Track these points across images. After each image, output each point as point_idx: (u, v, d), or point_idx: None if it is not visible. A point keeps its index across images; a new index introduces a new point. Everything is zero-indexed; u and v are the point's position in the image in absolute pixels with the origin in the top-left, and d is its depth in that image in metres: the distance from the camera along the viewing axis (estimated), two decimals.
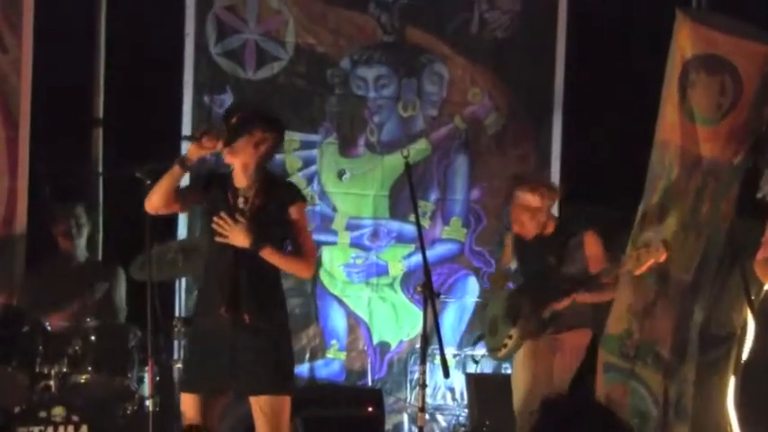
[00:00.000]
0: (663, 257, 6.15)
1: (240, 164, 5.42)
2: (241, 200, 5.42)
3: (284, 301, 5.57)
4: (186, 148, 5.42)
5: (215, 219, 5.32)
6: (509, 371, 7.87)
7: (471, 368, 8.07)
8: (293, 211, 5.43)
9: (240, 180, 5.44)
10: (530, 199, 6.44)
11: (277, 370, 5.36)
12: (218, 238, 5.35)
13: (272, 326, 5.39)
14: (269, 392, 5.34)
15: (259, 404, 5.36)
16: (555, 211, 8.18)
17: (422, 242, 5.66)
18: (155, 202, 5.39)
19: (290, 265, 5.48)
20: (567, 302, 6.27)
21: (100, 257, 7.68)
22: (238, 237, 5.31)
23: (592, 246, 6.46)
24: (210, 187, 5.51)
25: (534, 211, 6.44)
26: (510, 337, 6.41)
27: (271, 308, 5.42)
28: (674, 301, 6.66)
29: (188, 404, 5.43)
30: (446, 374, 5.37)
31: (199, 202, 5.58)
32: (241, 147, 5.38)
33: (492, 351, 6.64)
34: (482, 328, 6.92)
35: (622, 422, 3.31)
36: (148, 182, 5.70)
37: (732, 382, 6.57)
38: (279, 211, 5.42)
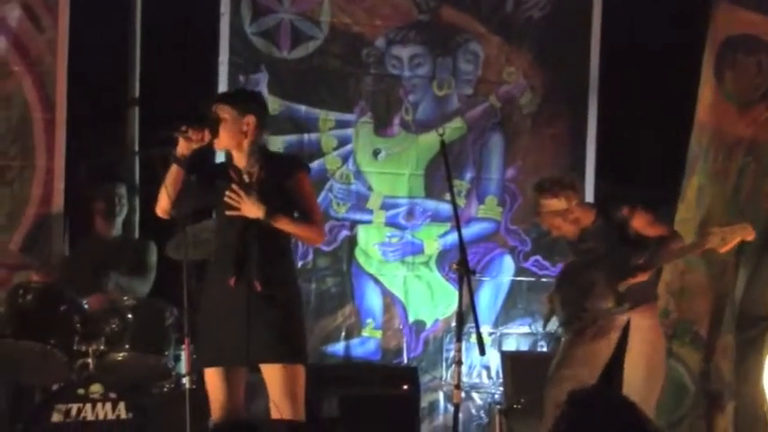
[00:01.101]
0: (750, 237, 6.02)
1: (234, 147, 5.50)
2: (245, 176, 5.51)
3: (295, 273, 5.68)
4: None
5: (227, 193, 5.39)
6: (545, 349, 7.90)
7: (507, 346, 8.09)
8: (298, 181, 5.52)
9: (240, 161, 5.53)
10: (555, 203, 6.36)
11: (289, 339, 5.42)
12: (229, 212, 5.41)
13: (283, 296, 5.45)
14: (282, 361, 5.39)
15: (272, 373, 5.40)
16: (590, 195, 8.21)
17: (457, 220, 5.67)
18: (163, 204, 5.48)
19: (302, 231, 5.57)
20: (644, 276, 6.12)
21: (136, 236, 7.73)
22: (251, 208, 5.39)
23: (639, 219, 6.26)
24: (208, 180, 5.58)
25: (564, 213, 6.37)
26: (585, 311, 6.34)
27: (281, 278, 5.48)
28: (716, 281, 6.67)
29: (211, 379, 5.49)
30: (482, 352, 5.38)
31: (202, 199, 5.62)
32: (227, 136, 5.45)
33: (565, 325, 6.52)
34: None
35: (647, 421, 3.31)
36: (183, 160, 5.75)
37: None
38: (284, 181, 5.50)
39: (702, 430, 6.76)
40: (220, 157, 6.53)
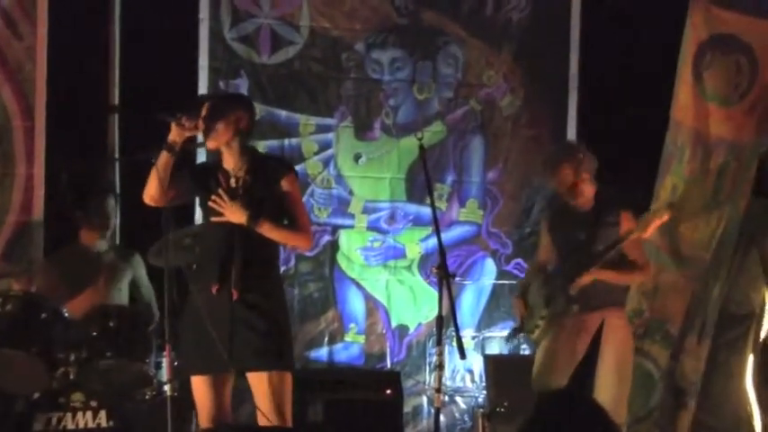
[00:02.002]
0: (666, 217, 6.07)
1: (224, 147, 5.49)
2: (233, 180, 5.49)
3: (280, 279, 5.65)
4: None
5: (212, 197, 5.38)
6: (527, 352, 7.89)
7: (490, 349, 8.09)
8: (285, 184, 5.48)
9: (228, 162, 5.51)
10: (569, 173, 6.36)
11: (275, 346, 5.38)
12: (214, 218, 5.40)
13: (268, 303, 5.41)
14: (269, 369, 5.37)
15: (258, 381, 5.38)
16: None
17: (436, 224, 5.66)
18: (151, 191, 5.44)
19: (288, 238, 5.53)
20: (588, 278, 6.18)
21: (117, 242, 7.71)
22: (235, 214, 5.38)
23: (627, 224, 6.30)
24: (201, 175, 5.57)
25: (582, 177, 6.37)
26: (542, 318, 6.38)
27: (266, 285, 5.45)
28: (691, 279, 6.67)
29: (197, 386, 5.47)
30: (462, 356, 5.37)
31: (192, 191, 5.61)
32: (220, 131, 5.44)
33: (528, 333, 6.58)
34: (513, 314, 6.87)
35: (611, 422, 3.33)
36: None
37: (751, 360, 6.60)
38: (271, 185, 5.47)
39: (667, 426, 6.78)
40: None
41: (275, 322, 5.42)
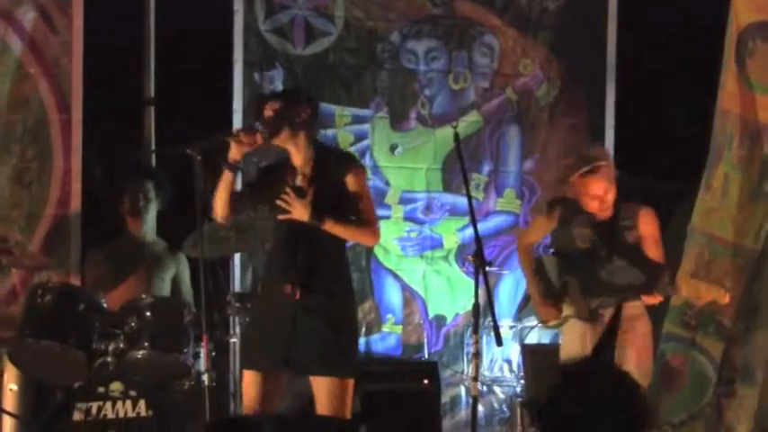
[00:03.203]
0: (725, 300, 6.05)
1: (290, 145, 5.48)
2: (299, 177, 5.48)
3: (348, 279, 5.61)
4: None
5: (282, 196, 5.39)
6: None
7: (528, 339, 8.06)
8: (350, 180, 5.49)
9: (296, 158, 5.52)
10: (596, 186, 6.29)
11: (337, 351, 5.39)
12: (281, 216, 5.40)
13: (333, 305, 5.41)
14: (328, 374, 5.38)
15: (319, 385, 5.40)
16: None
17: (472, 212, 5.66)
18: (218, 209, 5.54)
19: (353, 235, 5.56)
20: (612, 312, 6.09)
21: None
22: (299, 210, 5.36)
23: (646, 225, 6.29)
24: (268, 175, 5.60)
25: (605, 193, 6.31)
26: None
27: (331, 285, 5.45)
28: (742, 270, 6.63)
29: (247, 381, 5.53)
30: (499, 343, 5.37)
31: (263, 201, 5.62)
32: (284, 135, 5.47)
33: (542, 322, 6.57)
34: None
35: (636, 386, 3.31)
36: (199, 158, 5.77)
37: None
38: (335, 181, 5.46)
39: (715, 418, 6.73)
40: None
41: (339, 326, 5.42)
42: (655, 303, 6.28)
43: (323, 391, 5.40)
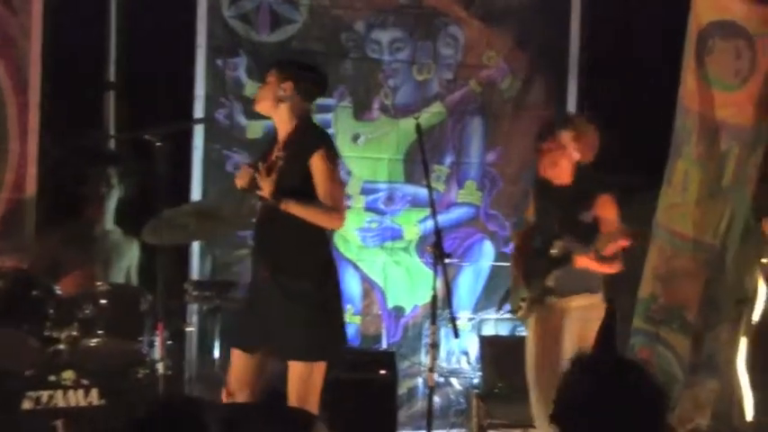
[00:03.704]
0: (622, 243, 5.95)
1: (270, 111, 5.56)
2: (275, 153, 5.49)
3: (326, 263, 5.53)
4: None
5: (257, 172, 5.41)
6: (524, 333, 7.86)
7: (486, 331, 8.08)
8: (314, 161, 5.38)
9: (281, 132, 5.54)
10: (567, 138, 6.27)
11: (307, 335, 5.37)
12: (257, 192, 5.44)
13: (308, 288, 5.37)
14: (297, 357, 5.38)
15: (291, 368, 5.42)
16: None
17: (432, 203, 5.65)
18: None
19: (316, 217, 5.40)
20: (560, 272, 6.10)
21: (113, 222, 7.68)
22: (265, 188, 5.35)
23: (605, 208, 6.19)
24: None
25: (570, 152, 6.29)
26: (523, 300, 6.33)
27: (305, 268, 5.40)
28: (704, 266, 6.67)
29: (233, 358, 5.57)
30: (456, 334, 5.37)
31: None
32: (261, 96, 5.57)
33: (513, 310, 6.53)
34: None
35: (654, 377, 3.32)
36: (159, 144, 5.74)
37: (743, 344, 6.60)
38: (301, 161, 5.39)
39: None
40: None
41: (313, 310, 5.37)
42: (610, 272, 6.20)
43: (293, 373, 5.41)
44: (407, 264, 8.25)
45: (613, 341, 6.25)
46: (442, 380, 7.94)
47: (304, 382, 5.38)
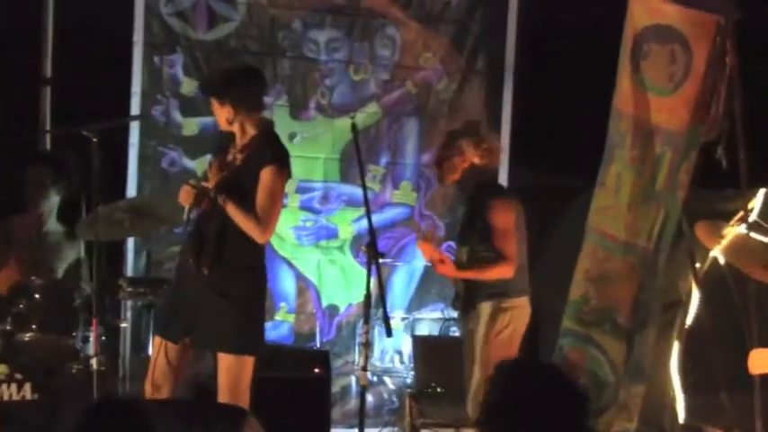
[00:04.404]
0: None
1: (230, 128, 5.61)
2: (231, 155, 5.59)
3: (256, 263, 5.63)
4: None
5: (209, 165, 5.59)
6: (457, 333, 7.94)
7: (419, 331, 8.12)
8: (264, 173, 5.49)
9: (239, 138, 5.62)
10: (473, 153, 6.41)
11: (238, 328, 5.46)
12: (204, 183, 5.56)
13: (238, 285, 5.47)
14: (227, 350, 5.47)
15: (221, 361, 5.49)
16: (504, 180, 8.25)
17: (366, 203, 5.70)
18: None
19: (244, 223, 5.50)
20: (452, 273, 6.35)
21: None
22: (212, 180, 5.52)
23: (495, 215, 6.34)
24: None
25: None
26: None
27: (237, 266, 5.50)
28: (636, 268, 6.71)
29: (156, 345, 5.61)
30: (389, 334, 5.42)
31: None
32: (217, 114, 5.61)
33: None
34: None
35: (574, 381, 3.38)
36: (95, 140, 5.74)
37: (676, 347, 6.67)
38: (253, 168, 5.51)
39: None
40: None
41: (240, 304, 5.47)
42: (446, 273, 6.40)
43: (222, 366, 5.47)
44: (342, 263, 8.28)
45: (535, 345, 6.34)
46: (375, 379, 7.98)
47: (234, 376, 5.46)
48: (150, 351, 6.63)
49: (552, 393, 3.31)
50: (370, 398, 7.76)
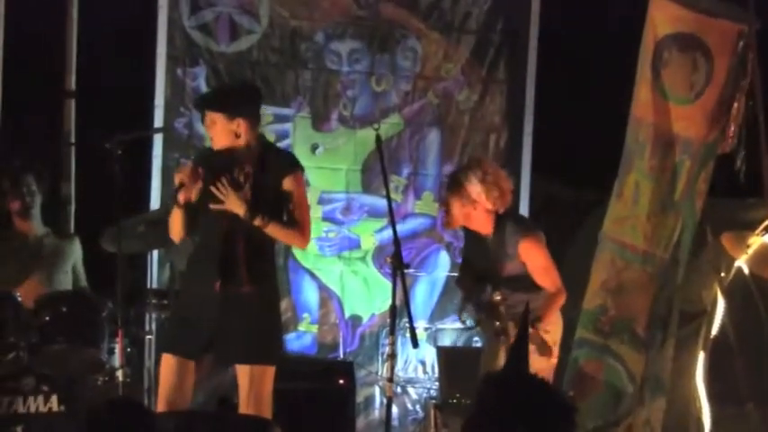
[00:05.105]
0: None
1: (230, 145, 5.55)
2: (237, 170, 5.54)
3: (275, 272, 5.74)
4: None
5: (217, 184, 5.44)
6: (479, 344, 7.94)
7: (442, 341, 8.13)
8: (288, 182, 5.53)
9: (238, 152, 5.54)
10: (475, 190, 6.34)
11: (263, 340, 5.50)
12: (214, 206, 5.42)
13: (262, 297, 5.50)
14: (251, 362, 5.47)
15: (242, 372, 5.49)
16: (526, 192, 8.27)
17: (391, 214, 5.71)
18: (175, 235, 5.62)
19: (285, 236, 5.60)
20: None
21: (72, 229, 7.68)
22: (234, 203, 5.40)
23: (527, 255, 6.30)
24: (208, 162, 5.60)
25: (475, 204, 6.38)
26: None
27: (263, 279, 5.53)
28: (654, 279, 6.70)
29: (165, 364, 5.57)
30: (415, 344, 5.43)
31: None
32: (220, 130, 5.52)
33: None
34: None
35: (559, 393, 3.40)
36: (119, 152, 5.77)
37: (701, 358, 6.65)
38: (274, 181, 5.52)
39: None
40: None
41: (266, 317, 5.52)
42: None
43: (245, 377, 5.48)
44: (364, 273, 8.30)
45: (524, 355, 6.30)
46: (399, 389, 7.98)
47: (258, 385, 5.47)
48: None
49: (539, 405, 3.31)
50: (394, 408, 7.74)
